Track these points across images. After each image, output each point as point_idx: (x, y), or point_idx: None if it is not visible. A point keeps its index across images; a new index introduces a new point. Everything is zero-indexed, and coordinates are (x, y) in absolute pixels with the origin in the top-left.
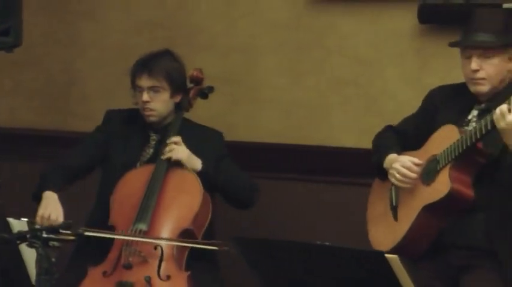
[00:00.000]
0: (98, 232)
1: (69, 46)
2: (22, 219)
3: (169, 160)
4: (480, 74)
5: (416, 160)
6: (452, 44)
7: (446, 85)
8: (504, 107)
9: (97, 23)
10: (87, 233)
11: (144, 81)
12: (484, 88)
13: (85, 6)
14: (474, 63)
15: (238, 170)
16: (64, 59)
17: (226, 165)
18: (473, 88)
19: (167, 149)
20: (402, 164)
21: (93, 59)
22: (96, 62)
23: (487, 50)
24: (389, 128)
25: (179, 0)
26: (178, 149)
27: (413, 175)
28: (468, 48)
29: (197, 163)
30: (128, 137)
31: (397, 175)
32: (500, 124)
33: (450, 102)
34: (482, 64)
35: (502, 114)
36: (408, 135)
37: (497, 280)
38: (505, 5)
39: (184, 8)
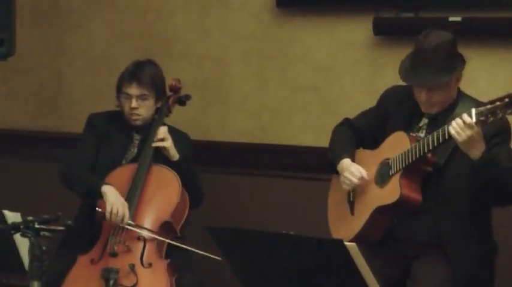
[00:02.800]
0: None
1: (58, 55)
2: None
3: (158, 146)
4: (431, 102)
5: (364, 173)
6: (403, 79)
7: (401, 86)
8: (460, 122)
9: (83, 35)
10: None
11: (134, 90)
12: (435, 110)
13: (73, 19)
14: (424, 96)
15: (197, 174)
16: (54, 67)
17: (190, 167)
18: (424, 110)
19: (159, 136)
20: (352, 174)
21: (80, 67)
22: (83, 70)
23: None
24: (346, 122)
25: (157, 14)
26: (168, 139)
27: (361, 182)
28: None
29: (176, 154)
30: (113, 137)
31: (348, 183)
32: (461, 136)
33: (403, 104)
34: (432, 94)
35: (462, 129)
36: (362, 131)
37: (443, 266)
38: (451, 18)
39: (161, 21)
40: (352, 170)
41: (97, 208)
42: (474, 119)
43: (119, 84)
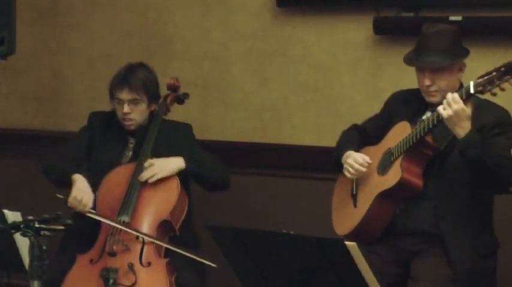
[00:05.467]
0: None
1: (58, 54)
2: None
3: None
4: (433, 88)
5: (367, 158)
6: (406, 62)
7: (406, 90)
8: (448, 97)
9: (83, 34)
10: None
11: (125, 95)
12: (436, 99)
13: (72, 18)
14: (427, 80)
15: (210, 156)
16: (53, 66)
17: (200, 154)
18: (427, 98)
19: (148, 174)
20: (355, 160)
21: (79, 66)
22: (82, 69)
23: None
24: (353, 126)
25: (157, 13)
26: (159, 172)
27: (364, 169)
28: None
29: (179, 163)
30: (108, 140)
31: (351, 169)
32: (447, 111)
33: (407, 104)
34: (435, 79)
35: (448, 104)
36: (369, 133)
37: (443, 262)
38: (451, 18)
39: (161, 20)
40: (354, 156)
41: (58, 195)
42: (472, 90)
43: (110, 89)
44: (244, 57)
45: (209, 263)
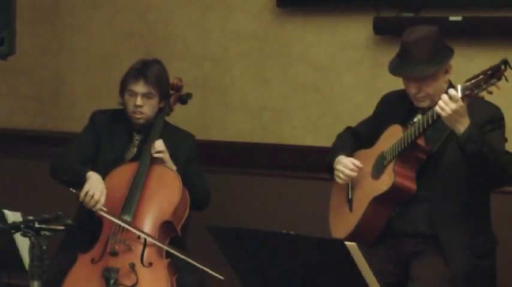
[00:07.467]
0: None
1: (58, 55)
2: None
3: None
4: (420, 94)
5: (357, 163)
6: (391, 72)
7: (396, 90)
8: (445, 97)
9: (83, 34)
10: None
11: (140, 88)
12: (425, 104)
13: (73, 19)
14: (413, 88)
15: (202, 176)
16: (54, 67)
17: (193, 169)
18: (416, 104)
19: (156, 151)
20: (345, 165)
21: (79, 66)
22: (83, 69)
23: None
24: (347, 130)
25: (157, 14)
26: (164, 152)
27: (354, 174)
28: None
29: (173, 166)
30: (113, 137)
31: (341, 175)
32: (446, 111)
33: (398, 105)
34: (421, 86)
35: (446, 103)
36: (362, 136)
37: (442, 262)
38: (452, 18)
39: (161, 20)
40: (344, 161)
41: (71, 189)
42: (460, 94)
43: (124, 81)
44: (244, 58)
45: (216, 275)
